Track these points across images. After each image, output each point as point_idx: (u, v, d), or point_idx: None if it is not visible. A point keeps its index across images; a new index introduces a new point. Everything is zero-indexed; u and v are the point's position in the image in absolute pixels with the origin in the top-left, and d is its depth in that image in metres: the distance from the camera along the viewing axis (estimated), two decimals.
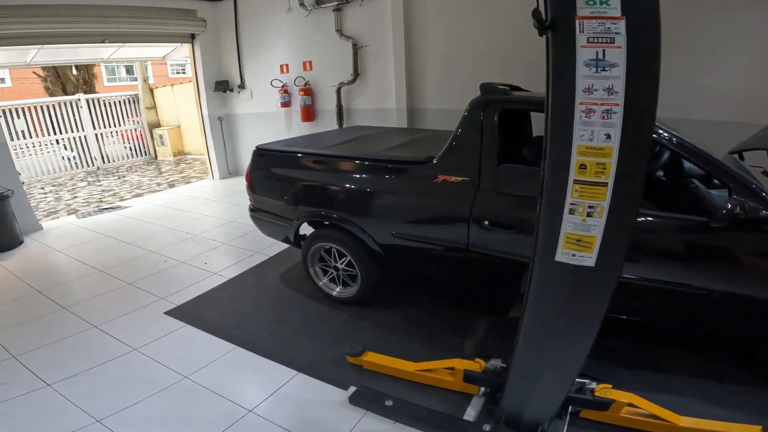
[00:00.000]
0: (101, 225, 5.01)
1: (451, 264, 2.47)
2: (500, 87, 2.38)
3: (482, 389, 2.02)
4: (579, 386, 1.76)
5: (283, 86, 6.09)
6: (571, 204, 1.13)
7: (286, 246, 3.93)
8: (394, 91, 5.12)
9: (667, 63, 3.41)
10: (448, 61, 4.80)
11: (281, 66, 6.11)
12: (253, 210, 3.28)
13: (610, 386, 1.79)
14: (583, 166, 1.09)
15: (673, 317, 2.09)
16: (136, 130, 9.77)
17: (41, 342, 2.61)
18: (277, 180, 3.02)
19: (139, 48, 7.12)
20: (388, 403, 1.97)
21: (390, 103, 5.27)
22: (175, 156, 9.87)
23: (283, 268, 3.58)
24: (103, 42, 5.43)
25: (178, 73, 19.63)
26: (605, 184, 1.08)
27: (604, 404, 1.75)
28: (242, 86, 6.63)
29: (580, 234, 1.15)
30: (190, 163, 9.21)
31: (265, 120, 6.60)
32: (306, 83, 5.86)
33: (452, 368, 2.04)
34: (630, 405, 1.75)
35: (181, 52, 7.53)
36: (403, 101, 5.09)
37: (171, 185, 7.04)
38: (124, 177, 8.02)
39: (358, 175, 2.67)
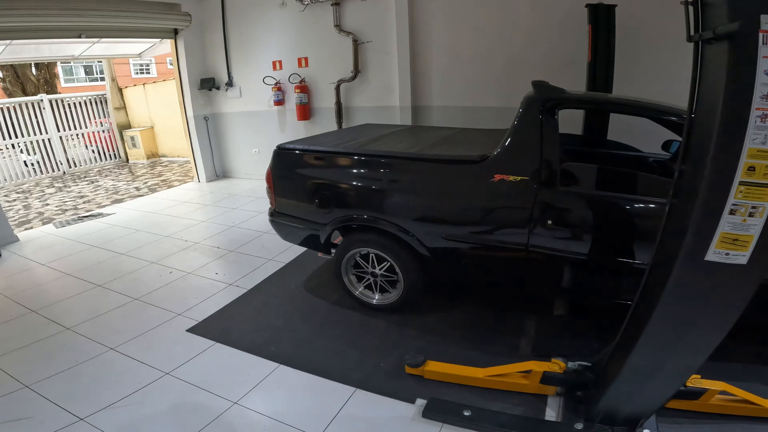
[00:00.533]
0: (85, 234, 4.60)
1: (506, 265, 2.39)
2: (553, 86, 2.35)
3: (558, 389, 1.96)
4: None
5: (276, 83, 5.84)
6: (733, 205, 1.08)
7: (299, 252, 3.75)
8: (398, 88, 5.01)
9: (660, 59, 3.45)
10: (454, 58, 4.74)
11: (274, 63, 5.86)
12: (275, 215, 3.06)
13: (699, 376, 1.77)
14: (751, 168, 1.04)
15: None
16: (103, 132, 9.15)
17: (53, 368, 2.31)
18: (306, 182, 2.82)
19: (113, 44, 6.63)
20: (467, 413, 1.87)
21: (392, 101, 5.16)
22: (148, 158, 9.32)
23: (304, 276, 3.39)
24: (80, 37, 5.00)
25: (141, 73, 18.65)
26: None
27: (697, 393, 1.73)
28: (230, 84, 6.31)
29: (738, 234, 1.10)
30: (166, 165, 8.72)
31: (256, 119, 6.31)
32: (302, 80, 5.65)
33: (528, 371, 1.97)
34: (722, 393, 1.74)
35: (160, 48, 7.09)
36: (408, 98, 4.99)
37: (152, 190, 6.61)
38: (96, 182, 7.47)
39: (403, 175, 2.53)
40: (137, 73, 18.81)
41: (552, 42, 4.28)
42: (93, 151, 9.01)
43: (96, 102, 9.07)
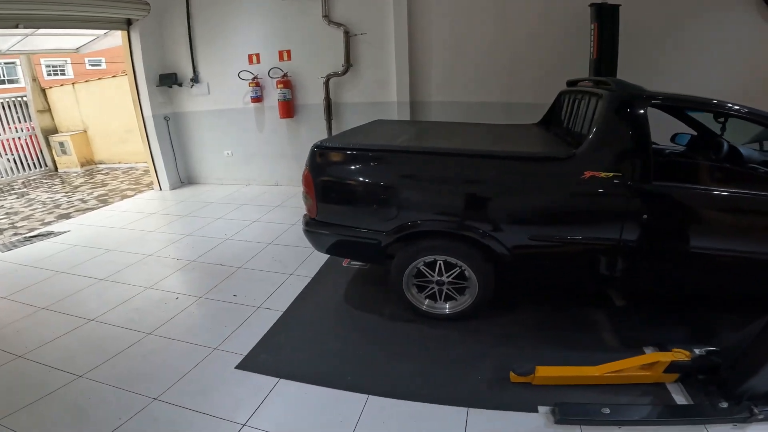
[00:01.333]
0: (42, 258, 3.84)
1: (594, 261, 2.34)
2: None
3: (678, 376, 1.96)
4: None
5: (253, 79, 5.36)
6: None
7: (319, 263, 3.44)
8: (395, 83, 4.83)
9: (659, 58, 3.72)
10: (455, 52, 4.66)
11: (250, 56, 5.38)
12: (315, 224, 2.68)
13: None
14: None
15: None
16: (21, 138, 7.85)
17: (91, 428, 1.84)
18: (363, 184, 2.52)
19: (49, 37, 5.67)
20: (606, 410, 1.78)
21: (388, 96, 4.97)
22: (83, 166, 8.17)
23: (339, 289, 3.08)
24: (17, 27, 4.17)
25: (51, 74, 16.41)
26: None
27: None
28: (196, 80, 5.68)
29: None
30: (107, 173, 7.70)
31: (229, 118, 5.75)
32: (284, 75, 5.24)
33: (652, 363, 1.93)
34: None
35: (104, 41, 6.20)
36: (406, 94, 4.83)
37: (103, 201, 5.75)
38: (26, 195, 6.37)
39: (485, 174, 2.34)
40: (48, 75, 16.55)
41: (554, 39, 4.36)
42: (9, 160, 7.70)
43: (13, 105, 7.76)
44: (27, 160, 7.87)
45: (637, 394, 1.93)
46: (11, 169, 7.61)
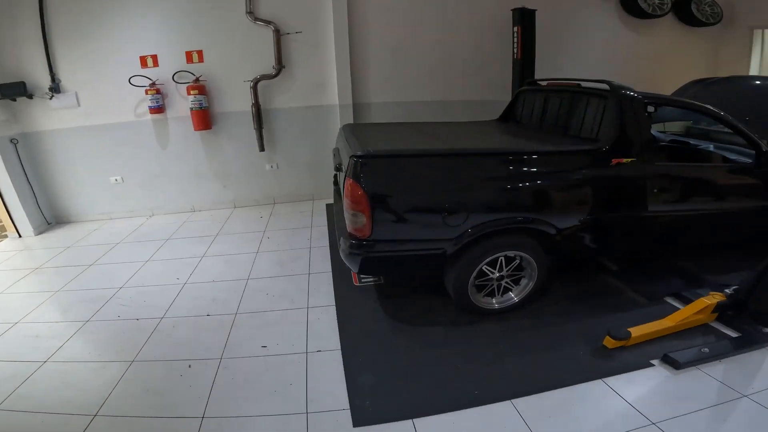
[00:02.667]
0: None
1: (626, 232, 2.78)
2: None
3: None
4: None
5: (152, 85, 4.42)
6: None
7: (325, 288, 3.15)
8: (336, 84, 4.65)
9: (557, 56, 4.66)
10: (392, 52, 4.75)
11: (143, 58, 4.41)
12: (370, 246, 2.42)
13: None
14: None
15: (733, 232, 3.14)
16: None
17: None
18: (429, 193, 2.40)
19: None
20: (705, 350, 2.19)
21: (328, 99, 4.76)
22: None
23: (375, 310, 2.87)
24: None
25: None
26: None
27: None
28: (56, 89, 4.35)
29: None
30: None
31: (114, 134, 4.60)
32: (197, 79, 4.47)
33: (704, 307, 2.43)
34: None
35: None
36: (348, 96, 4.71)
37: None
38: None
39: (540, 169, 2.53)
40: None
41: (480, 40, 4.87)
42: None
43: None
44: None
45: (700, 334, 2.41)
46: None
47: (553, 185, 2.56)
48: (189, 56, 4.47)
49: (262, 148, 4.75)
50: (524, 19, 4.50)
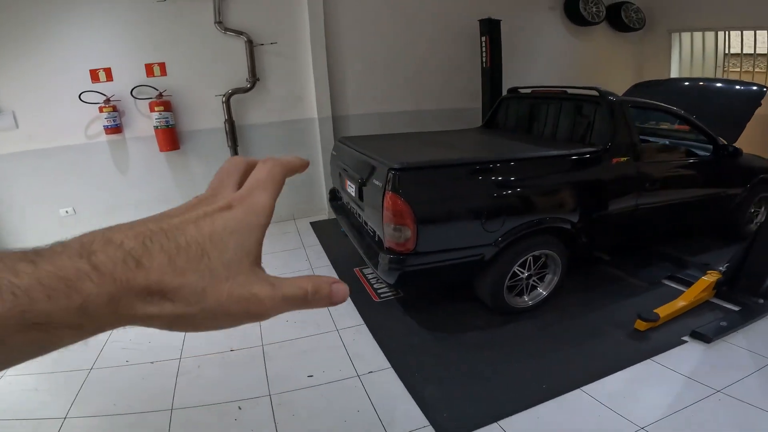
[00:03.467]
0: None
1: (624, 223, 3.08)
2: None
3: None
4: None
5: (107, 101, 3.99)
6: None
7: (343, 311, 3.03)
8: (314, 97, 4.58)
9: (514, 63, 5.11)
10: (367, 63, 4.80)
11: (93, 72, 3.96)
12: (414, 257, 2.44)
13: None
14: None
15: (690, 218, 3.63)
16: None
17: None
18: (468, 200, 2.50)
19: None
20: (724, 323, 2.51)
21: (306, 113, 4.67)
22: None
23: (409, 323, 2.86)
24: None
25: None
26: None
27: None
28: None
29: None
30: None
31: (63, 159, 4.06)
32: (161, 94, 4.12)
33: (708, 285, 2.77)
34: None
35: None
36: (327, 109, 4.65)
37: None
38: None
39: (560, 170, 2.74)
40: None
41: (450, 50, 5.09)
42: None
43: None
44: None
45: (708, 311, 2.75)
46: None
47: (569, 185, 2.79)
48: (149, 69, 4.11)
49: None
50: (491, 29, 4.80)
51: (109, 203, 4.28)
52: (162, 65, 4.13)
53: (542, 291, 2.92)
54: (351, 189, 3.19)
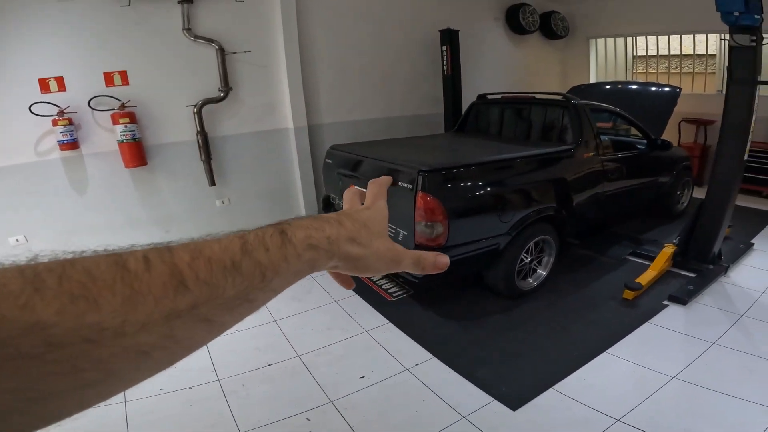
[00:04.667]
0: None
1: (597, 208, 3.62)
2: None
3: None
4: None
5: (61, 113, 3.62)
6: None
7: (360, 312, 3.20)
8: (289, 107, 4.58)
9: (468, 71, 5.70)
10: (339, 72, 4.93)
11: (43, 81, 3.58)
12: (445, 251, 2.70)
13: None
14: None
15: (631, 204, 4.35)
16: None
17: None
18: (486, 196, 2.85)
19: None
20: (690, 287, 3.10)
21: (280, 122, 4.66)
22: None
23: (422, 318, 3.09)
24: None
25: None
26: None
27: None
28: None
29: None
30: None
31: (7, 182, 3.58)
32: (123, 105, 3.83)
33: (669, 256, 3.39)
34: None
35: None
36: (303, 118, 4.69)
37: None
38: None
39: (553, 165, 3.18)
40: None
41: (414, 59, 5.42)
42: None
43: None
44: None
45: (672, 278, 3.35)
46: None
47: (559, 178, 3.25)
48: (109, 78, 3.81)
49: (212, 182, 4.33)
50: (451, 39, 5.22)
51: (66, 228, 3.87)
52: (123, 74, 3.85)
53: (542, 272, 3.33)
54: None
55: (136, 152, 3.92)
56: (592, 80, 7.32)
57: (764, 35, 2.96)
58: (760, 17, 2.89)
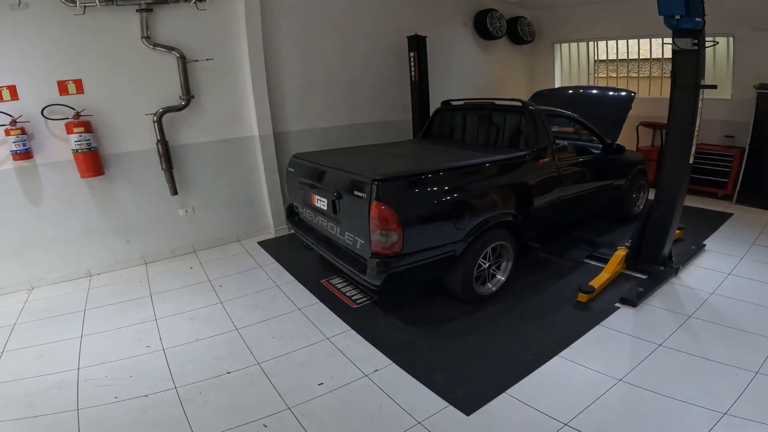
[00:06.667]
0: None
1: (553, 212, 3.80)
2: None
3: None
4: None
5: (13, 122, 3.60)
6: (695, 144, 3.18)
7: (334, 320, 3.28)
8: (254, 114, 4.64)
9: (435, 75, 6.00)
10: (305, 79, 5.01)
11: None
12: (400, 259, 2.82)
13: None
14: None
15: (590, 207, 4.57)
16: None
17: None
18: (441, 203, 2.95)
19: None
20: (640, 289, 3.31)
21: (245, 131, 4.72)
22: None
23: (383, 324, 3.19)
24: None
25: None
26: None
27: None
28: None
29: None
30: None
31: None
32: (78, 114, 3.82)
33: (621, 259, 3.59)
34: None
35: None
36: (268, 126, 4.76)
37: None
38: None
39: (508, 172, 3.34)
40: None
41: (381, 66, 5.55)
42: None
43: None
44: None
45: (625, 280, 3.56)
46: None
47: (513, 183, 3.42)
48: (63, 87, 3.80)
49: (174, 192, 4.34)
50: (419, 45, 5.36)
51: (19, 239, 3.84)
52: (78, 82, 3.85)
53: (501, 277, 3.48)
54: (321, 203, 3.42)
55: (92, 162, 3.91)
56: (557, 84, 7.62)
57: (706, 39, 3.07)
58: (702, 20, 2.96)
